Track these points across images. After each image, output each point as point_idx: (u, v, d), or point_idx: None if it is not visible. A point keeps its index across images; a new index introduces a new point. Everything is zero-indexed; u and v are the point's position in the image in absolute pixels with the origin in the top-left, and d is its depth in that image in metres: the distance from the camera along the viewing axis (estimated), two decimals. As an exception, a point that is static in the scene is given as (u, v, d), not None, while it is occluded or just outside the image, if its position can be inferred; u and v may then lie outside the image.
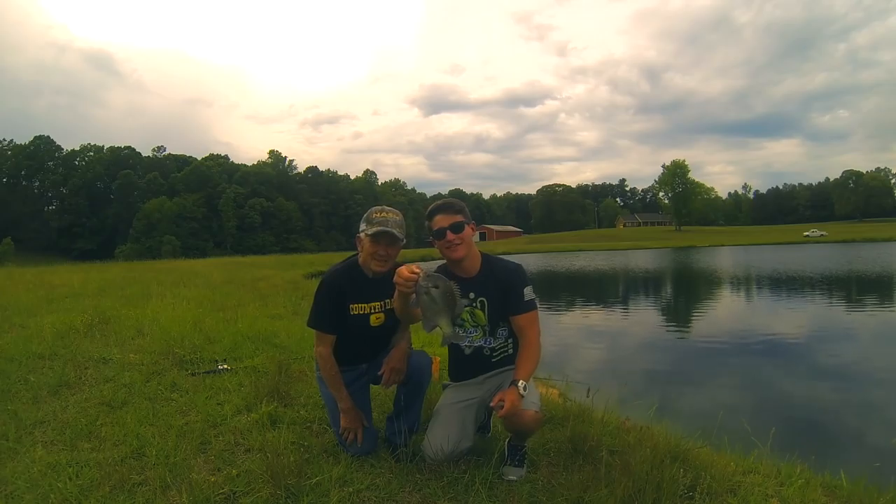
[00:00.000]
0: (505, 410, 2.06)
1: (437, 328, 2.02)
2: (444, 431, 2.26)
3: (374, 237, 2.27)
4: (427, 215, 2.34)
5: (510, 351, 2.40)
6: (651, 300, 14.75)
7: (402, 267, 1.97)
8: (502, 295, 2.32)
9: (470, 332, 2.37)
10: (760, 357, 7.05)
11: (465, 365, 2.42)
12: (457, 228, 2.26)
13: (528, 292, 2.33)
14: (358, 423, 2.38)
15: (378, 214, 2.31)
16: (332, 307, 2.35)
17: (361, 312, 2.38)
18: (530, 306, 2.33)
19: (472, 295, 2.31)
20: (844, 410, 4.95)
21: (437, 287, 1.91)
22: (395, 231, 2.27)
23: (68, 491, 2.00)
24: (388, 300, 2.35)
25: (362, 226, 2.32)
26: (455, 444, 2.24)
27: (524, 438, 2.35)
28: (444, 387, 2.51)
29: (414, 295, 1.96)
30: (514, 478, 2.26)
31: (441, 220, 2.28)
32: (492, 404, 2.11)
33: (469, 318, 2.35)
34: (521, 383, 2.15)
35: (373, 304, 2.39)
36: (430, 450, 2.24)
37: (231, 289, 10.02)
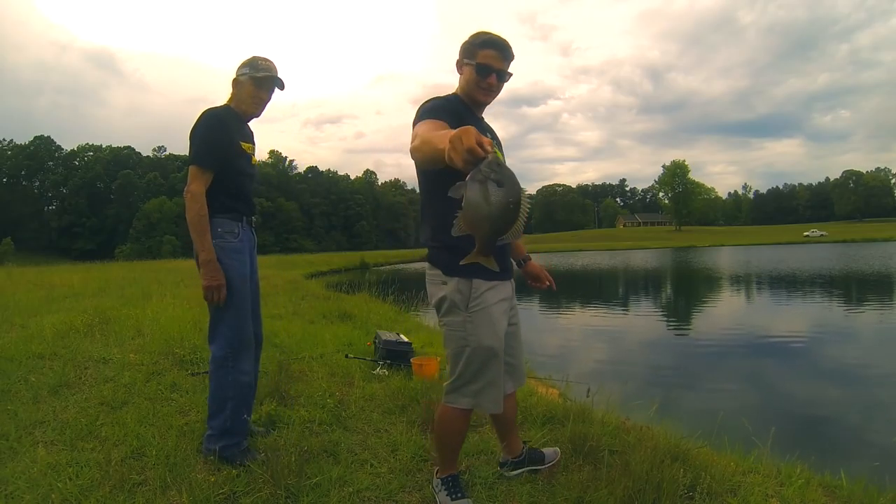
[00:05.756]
0: (552, 281, 2.25)
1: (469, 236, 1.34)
2: (501, 393, 1.93)
3: (260, 82, 2.32)
4: (477, 42, 1.91)
5: None
6: (651, 300, 14.75)
7: (474, 131, 1.26)
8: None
9: None
10: (761, 357, 7.05)
11: None
12: (502, 77, 1.95)
13: None
14: (221, 280, 2.20)
15: (264, 62, 2.34)
16: (220, 141, 2.23)
17: (246, 151, 2.37)
18: None
19: (488, 135, 1.94)
20: (845, 410, 4.94)
21: (500, 184, 1.23)
22: (280, 78, 2.36)
23: (68, 491, 2.00)
24: (253, 146, 2.44)
25: (244, 70, 2.33)
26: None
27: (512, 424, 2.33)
28: (466, 270, 1.79)
29: (470, 177, 1.27)
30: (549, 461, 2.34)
31: (492, 59, 1.90)
32: (537, 285, 2.23)
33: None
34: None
35: (249, 144, 2.40)
36: (496, 408, 1.94)
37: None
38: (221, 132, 2.25)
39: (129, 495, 2.01)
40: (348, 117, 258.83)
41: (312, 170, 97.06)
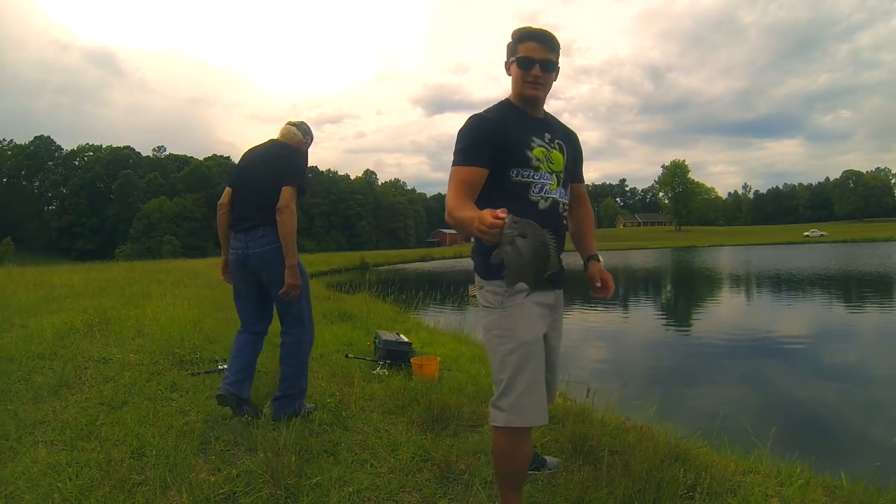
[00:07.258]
0: (612, 291, 1.99)
1: (522, 285, 1.61)
2: (543, 399, 1.77)
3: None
4: (515, 37, 1.84)
5: (566, 214, 1.97)
6: (651, 300, 14.74)
7: (486, 211, 1.45)
8: (572, 151, 1.97)
9: (545, 178, 1.83)
10: (761, 357, 7.05)
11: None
12: (547, 67, 1.82)
13: None
14: (300, 281, 2.78)
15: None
16: None
17: None
18: None
19: (547, 136, 1.88)
20: (845, 410, 4.95)
21: (524, 236, 1.46)
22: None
23: (68, 491, 2.00)
24: None
25: (309, 140, 3.00)
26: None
27: None
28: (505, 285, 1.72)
29: (500, 242, 1.48)
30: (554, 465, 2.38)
31: (532, 50, 1.80)
32: (596, 295, 1.99)
33: (544, 158, 1.84)
34: (601, 256, 2.05)
35: None
36: (538, 418, 1.77)
37: (231, 288, 9.99)
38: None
39: (129, 495, 2.01)
40: (349, 117, 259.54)
41: (312, 170, 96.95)
